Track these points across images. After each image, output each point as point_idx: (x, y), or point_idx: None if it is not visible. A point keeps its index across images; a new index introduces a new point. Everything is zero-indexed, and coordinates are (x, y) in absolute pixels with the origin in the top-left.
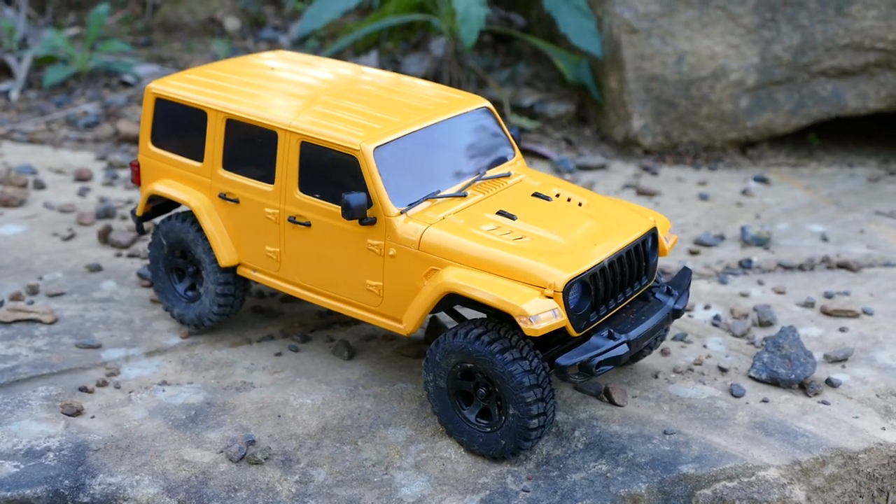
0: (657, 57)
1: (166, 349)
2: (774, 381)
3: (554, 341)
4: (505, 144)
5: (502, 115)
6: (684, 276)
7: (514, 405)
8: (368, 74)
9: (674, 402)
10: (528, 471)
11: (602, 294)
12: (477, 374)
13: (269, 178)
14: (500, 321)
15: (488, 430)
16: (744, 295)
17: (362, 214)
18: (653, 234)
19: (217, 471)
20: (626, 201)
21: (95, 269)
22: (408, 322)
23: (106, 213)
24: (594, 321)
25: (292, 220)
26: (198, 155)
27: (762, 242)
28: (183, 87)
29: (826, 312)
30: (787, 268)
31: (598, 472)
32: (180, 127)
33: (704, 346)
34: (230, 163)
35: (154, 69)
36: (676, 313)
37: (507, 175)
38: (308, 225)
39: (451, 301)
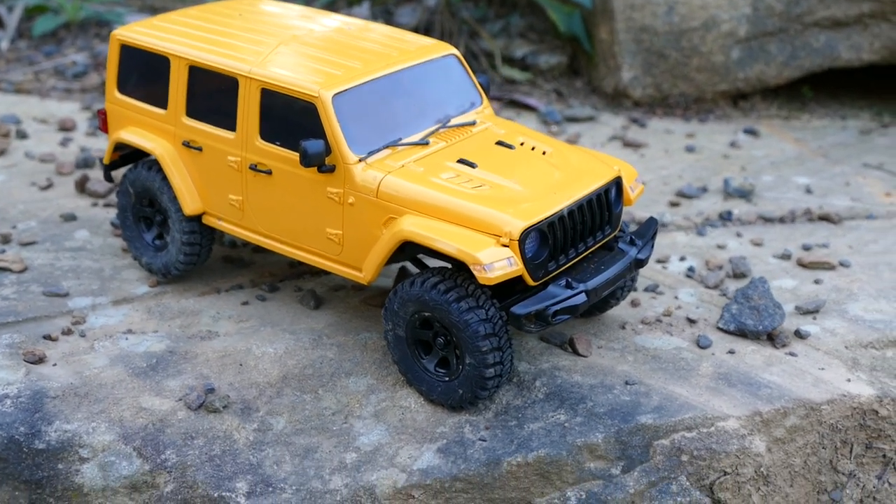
0: (648, 7)
1: (134, 298)
2: (742, 333)
3: (515, 291)
4: (472, 92)
5: (493, 67)
6: (649, 227)
7: (471, 354)
8: (338, 22)
9: (639, 352)
10: (486, 420)
11: (561, 243)
12: (435, 323)
13: (230, 125)
14: (459, 270)
15: (446, 379)
16: (720, 247)
17: (320, 162)
18: (617, 182)
19: (175, 418)
20: (594, 150)
21: (70, 218)
22: (367, 270)
23: (85, 162)
24: (553, 270)
25: (254, 167)
26: (162, 102)
27: (745, 194)
28: (148, 33)
29: (802, 264)
30: (767, 220)
31: (556, 421)
32: (145, 74)
33: (676, 298)
34: (193, 110)
35: (145, 17)
36: (639, 263)
37: (472, 123)
38: (269, 173)
39: (411, 250)
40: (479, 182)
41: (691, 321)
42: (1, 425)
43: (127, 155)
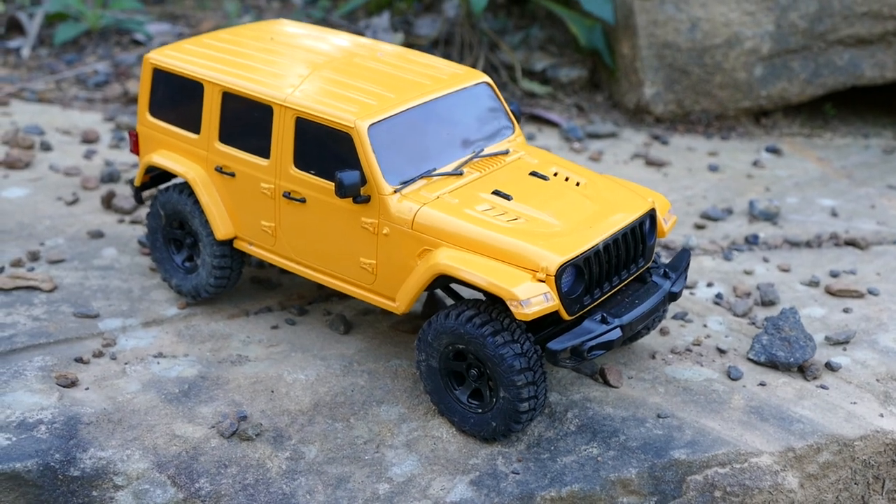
0: (671, 23)
1: (163, 320)
2: (773, 364)
3: (547, 324)
4: (504, 120)
5: (513, 80)
6: (682, 258)
7: (505, 388)
8: (370, 47)
9: (670, 383)
10: (518, 452)
11: (596, 277)
12: (469, 355)
13: (264, 152)
14: (493, 303)
15: (479, 411)
16: (748, 272)
17: (356, 193)
18: (651, 215)
19: (208, 446)
20: (625, 180)
21: (97, 235)
22: (401, 301)
23: (110, 177)
24: (588, 304)
25: (287, 195)
26: (195, 127)
27: (770, 217)
28: (181, 57)
29: (830, 292)
30: (793, 244)
31: (588, 455)
32: (178, 98)
33: (704, 326)
34: (227, 136)
35: (165, 27)
36: (673, 296)
37: (506, 152)
38: (303, 201)
39: (445, 279)
40: (515, 215)
41: (721, 351)
42: (37, 452)
43: (156, 176)
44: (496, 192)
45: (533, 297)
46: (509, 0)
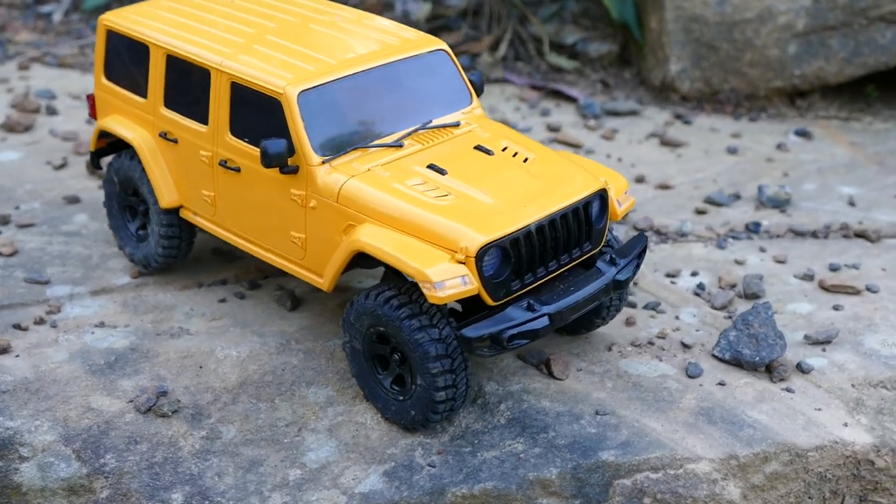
0: None
1: (113, 289)
2: (738, 363)
3: (482, 308)
4: (461, 90)
5: (540, 53)
6: (636, 244)
7: (421, 375)
8: (330, 12)
9: (620, 378)
10: (440, 444)
11: (527, 261)
12: (391, 339)
13: (203, 118)
14: (416, 286)
15: (401, 398)
16: (739, 262)
17: (282, 162)
18: (601, 195)
19: (121, 421)
20: (585, 159)
21: (73, 200)
22: (325, 278)
23: None
24: (517, 290)
25: (223, 164)
26: (143, 91)
27: (779, 204)
28: (132, 19)
29: (824, 287)
30: (797, 234)
31: (512, 451)
32: (129, 61)
33: (676, 318)
34: (171, 101)
35: None
36: (618, 284)
37: (456, 125)
38: (238, 170)
39: (370, 259)
40: (446, 191)
41: (686, 346)
42: None
43: (116, 142)
44: (431, 166)
45: (448, 280)
46: None
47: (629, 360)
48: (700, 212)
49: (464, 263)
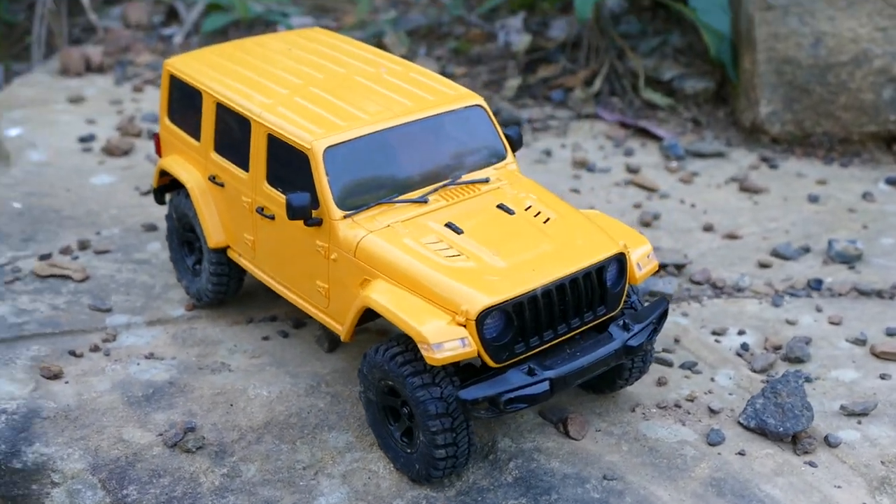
0: (792, 38)
1: (168, 320)
2: (762, 432)
3: (488, 369)
4: (495, 146)
5: (635, 89)
6: (654, 309)
7: (423, 432)
8: (377, 63)
9: (637, 441)
10: (446, 498)
11: (531, 324)
12: (400, 392)
13: (246, 165)
14: None
15: (408, 450)
16: (790, 322)
17: (306, 215)
18: (618, 259)
19: (149, 454)
20: (613, 219)
21: (150, 228)
22: (343, 329)
23: None
24: (521, 353)
25: (260, 211)
26: (198, 135)
27: (848, 260)
28: (191, 65)
29: (874, 353)
30: (861, 292)
31: None
32: (187, 105)
33: (711, 380)
34: (220, 146)
35: (308, 21)
36: (630, 350)
37: (485, 181)
38: (272, 218)
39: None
40: (458, 250)
41: (713, 411)
42: None
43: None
44: (448, 225)
45: (446, 342)
46: (654, 3)
47: (651, 423)
48: (763, 265)
49: (464, 326)
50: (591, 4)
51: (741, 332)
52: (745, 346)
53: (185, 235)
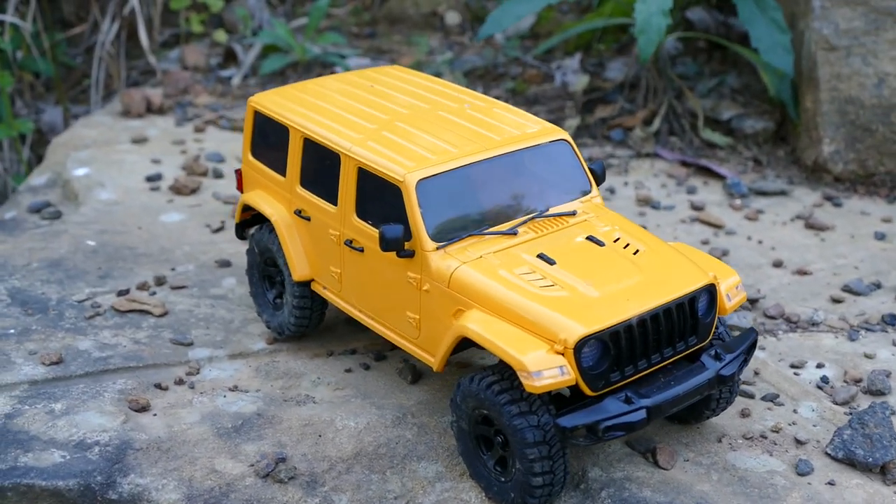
0: (855, 78)
1: (249, 353)
2: (850, 462)
3: (583, 398)
4: (580, 179)
5: (694, 129)
6: (743, 340)
7: (519, 460)
8: (460, 99)
9: (726, 471)
10: None
11: (627, 353)
12: (494, 421)
13: (333, 199)
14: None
15: (502, 479)
16: (868, 356)
17: (399, 247)
18: (709, 290)
19: (242, 484)
20: (699, 251)
21: (224, 264)
22: (435, 359)
23: None
24: (616, 381)
25: (349, 244)
26: (283, 170)
27: None
28: (276, 101)
29: None
30: None
31: None
32: (271, 141)
33: (794, 412)
34: (306, 181)
35: (365, 62)
36: (722, 380)
37: (572, 214)
38: (361, 251)
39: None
40: (552, 281)
41: (799, 442)
42: (82, 472)
43: (259, 214)
44: (540, 256)
45: (545, 370)
46: (710, 44)
47: (738, 453)
48: (836, 300)
49: (562, 354)
50: (654, 45)
51: (820, 366)
52: (824, 379)
53: (266, 270)
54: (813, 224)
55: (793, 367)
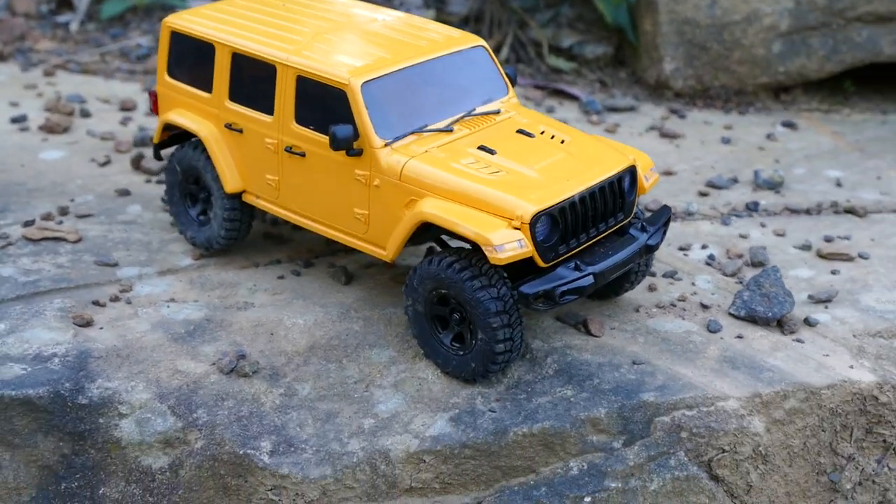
0: (690, 0)
1: (178, 269)
2: (752, 319)
3: (529, 272)
4: (498, 82)
5: (540, 56)
6: (662, 214)
7: (482, 330)
8: (377, 14)
9: (650, 335)
10: (497, 393)
11: (571, 227)
12: (451, 300)
13: (269, 109)
14: (475, 252)
15: (461, 353)
16: (743, 236)
17: (349, 146)
18: (630, 171)
19: (207, 381)
20: (611, 140)
21: (124, 193)
22: (389, 249)
23: (142, 141)
24: (563, 253)
25: (289, 150)
26: (207, 87)
27: (774, 186)
28: (196, 21)
29: (821, 255)
30: (793, 211)
31: (562, 396)
32: (192, 60)
33: (693, 284)
34: (235, 94)
35: (205, 3)
36: (649, 248)
37: (496, 112)
38: (303, 155)
39: (433, 231)
40: (497, 168)
41: (705, 307)
42: (49, 381)
43: (175, 135)
44: (481, 147)
45: (507, 243)
46: None
47: (656, 320)
48: (703, 194)
49: (519, 229)
50: None
51: (704, 247)
52: (711, 257)
53: (188, 188)
54: (666, 133)
55: (681, 249)
